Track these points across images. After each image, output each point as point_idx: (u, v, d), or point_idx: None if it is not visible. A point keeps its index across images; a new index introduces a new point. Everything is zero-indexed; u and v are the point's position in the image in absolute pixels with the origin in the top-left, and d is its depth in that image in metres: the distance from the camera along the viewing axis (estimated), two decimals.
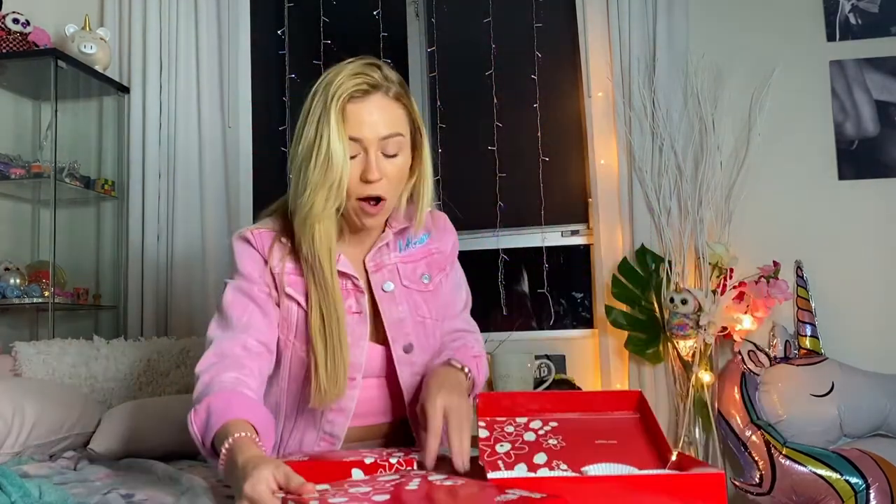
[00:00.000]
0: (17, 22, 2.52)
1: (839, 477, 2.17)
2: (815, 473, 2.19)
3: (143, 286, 2.74)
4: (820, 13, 2.62)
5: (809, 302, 2.50)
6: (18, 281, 2.47)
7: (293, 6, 2.99)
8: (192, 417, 1.05)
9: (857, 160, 2.57)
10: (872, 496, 2.14)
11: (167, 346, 2.26)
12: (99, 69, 2.69)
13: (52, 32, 2.74)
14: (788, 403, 2.31)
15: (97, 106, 2.90)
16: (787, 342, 2.46)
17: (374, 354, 1.24)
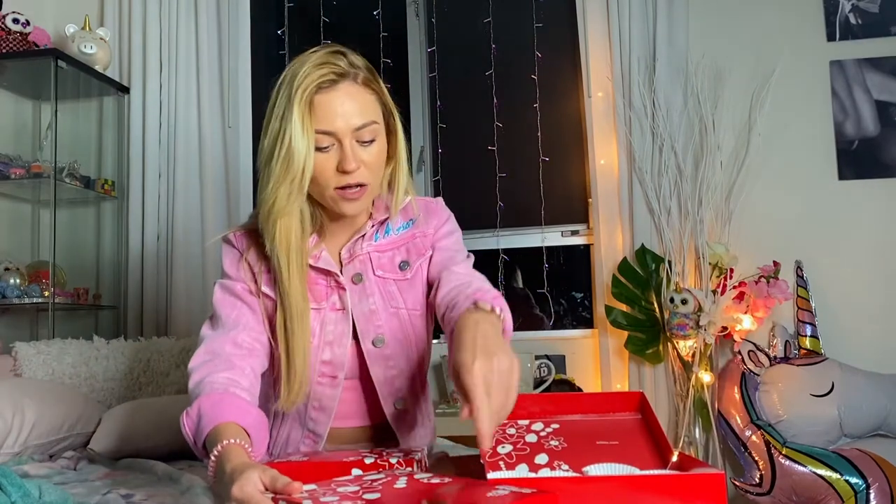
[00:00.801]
0: (17, 22, 2.52)
1: (839, 477, 2.17)
2: (815, 473, 2.19)
3: (143, 286, 2.74)
4: (820, 13, 2.62)
5: (809, 302, 2.50)
6: (18, 281, 2.48)
7: (293, 6, 2.99)
8: (183, 419, 1.05)
9: (857, 160, 2.57)
10: (872, 496, 2.14)
11: (167, 346, 2.26)
12: (99, 69, 2.69)
13: (52, 32, 2.75)
14: (788, 403, 2.31)
15: (97, 106, 2.90)
16: (787, 342, 2.46)
17: (350, 352, 1.22)
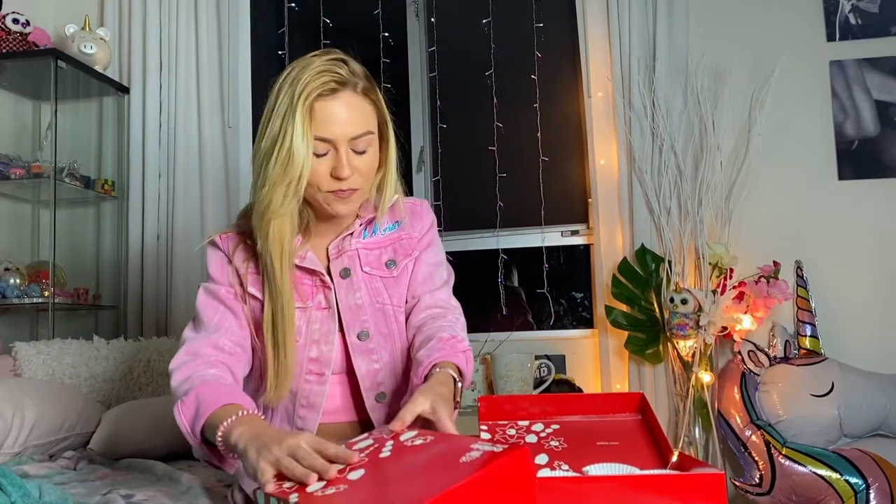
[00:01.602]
0: (17, 22, 2.52)
1: (839, 477, 2.17)
2: (814, 473, 2.19)
3: (143, 286, 2.74)
4: (820, 13, 2.62)
5: (809, 302, 2.50)
6: (18, 281, 2.48)
7: (293, 6, 2.99)
8: (179, 408, 1.07)
9: (857, 160, 2.57)
10: (872, 496, 2.14)
11: (167, 346, 2.26)
12: (99, 69, 2.69)
13: (52, 32, 2.74)
14: (788, 403, 2.31)
15: (97, 106, 2.90)
16: (787, 342, 2.46)
17: (337, 346, 1.24)
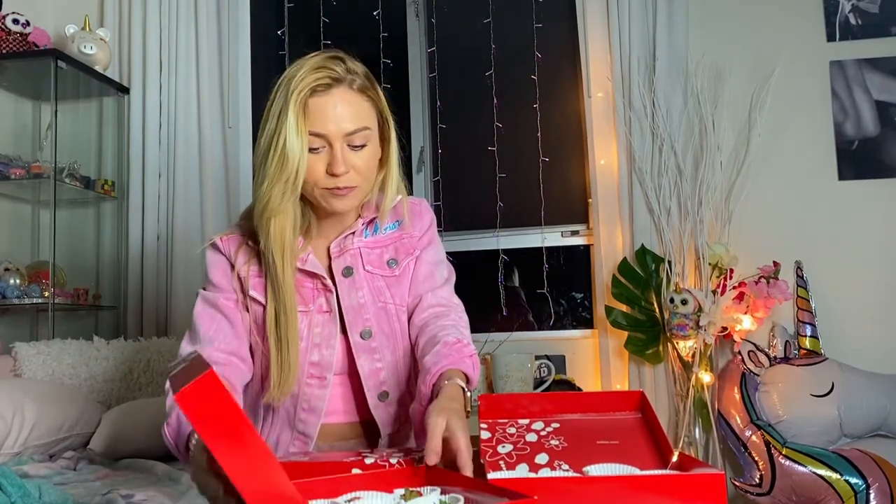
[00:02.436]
0: (17, 22, 2.52)
1: (839, 477, 2.17)
2: (814, 473, 2.19)
3: (143, 286, 2.74)
4: (820, 13, 2.62)
5: (809, 302, 2.50)
6: (18, 281, 2.47)
7: (293, 6, 2.99)
8: (165, 430, 1.08)
9: (857, 160, 2.57)
10: (872, 496, 2.14)
11: (167, 346, 2.26)
12: (99, 69, 2.69)
13: (52, 33, 2.74)
14: (788, 403, 2.31)
15: (97, 106, 2.90)
16: (787, 342, 2.46)
17: (339, 347, 1.23)
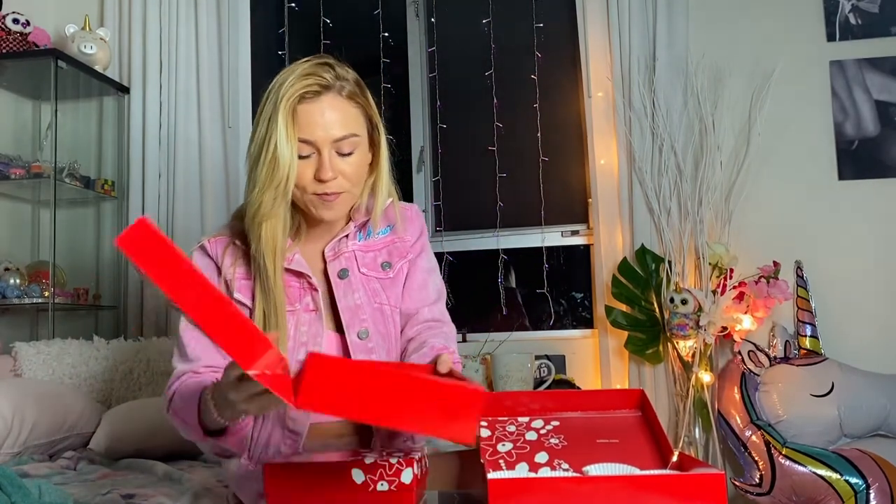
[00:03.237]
0: (17, 22, 2.52)
1: (839, 477, 2.17)
2: (814, 473, 2.19)
3: (143, 286, 2.73)
4: (820, 13, 2.62)
5: (809, 302, 2.50)
6: (18, 281, 2.48)
7: (293, 6, 2.99)
8: (170, 414, 1.12)
9: (857, 160, 2.57)
10: (872, 496, 2.14)
11: (167, 346, 2.26)
12: (99, 69, 2.69)
13: (52, 32, 2.74)
14: (788, 403, 2.31)
15: (97, 106, 2.90)
16: (787, 342, 2.46)
17: (330, 344, 1.24)
